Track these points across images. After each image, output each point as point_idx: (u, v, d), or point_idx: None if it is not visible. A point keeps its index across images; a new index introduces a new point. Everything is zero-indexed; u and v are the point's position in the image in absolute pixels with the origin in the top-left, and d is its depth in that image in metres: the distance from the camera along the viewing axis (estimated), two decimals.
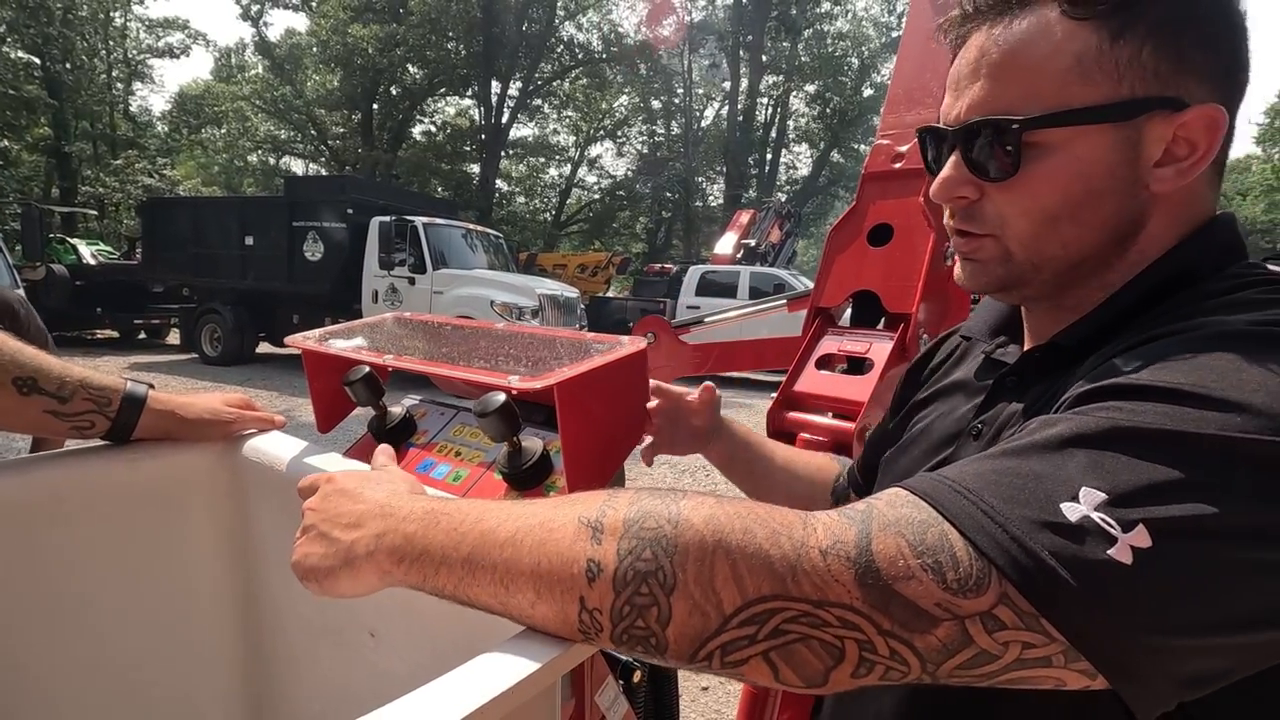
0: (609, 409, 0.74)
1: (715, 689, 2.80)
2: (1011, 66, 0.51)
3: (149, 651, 0.90)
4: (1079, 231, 0.52)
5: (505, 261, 11.32)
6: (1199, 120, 0.49)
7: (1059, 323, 0.57)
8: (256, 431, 0.95)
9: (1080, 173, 0.51)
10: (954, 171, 0.55)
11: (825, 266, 1.79)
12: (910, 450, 0.69)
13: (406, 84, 26.07)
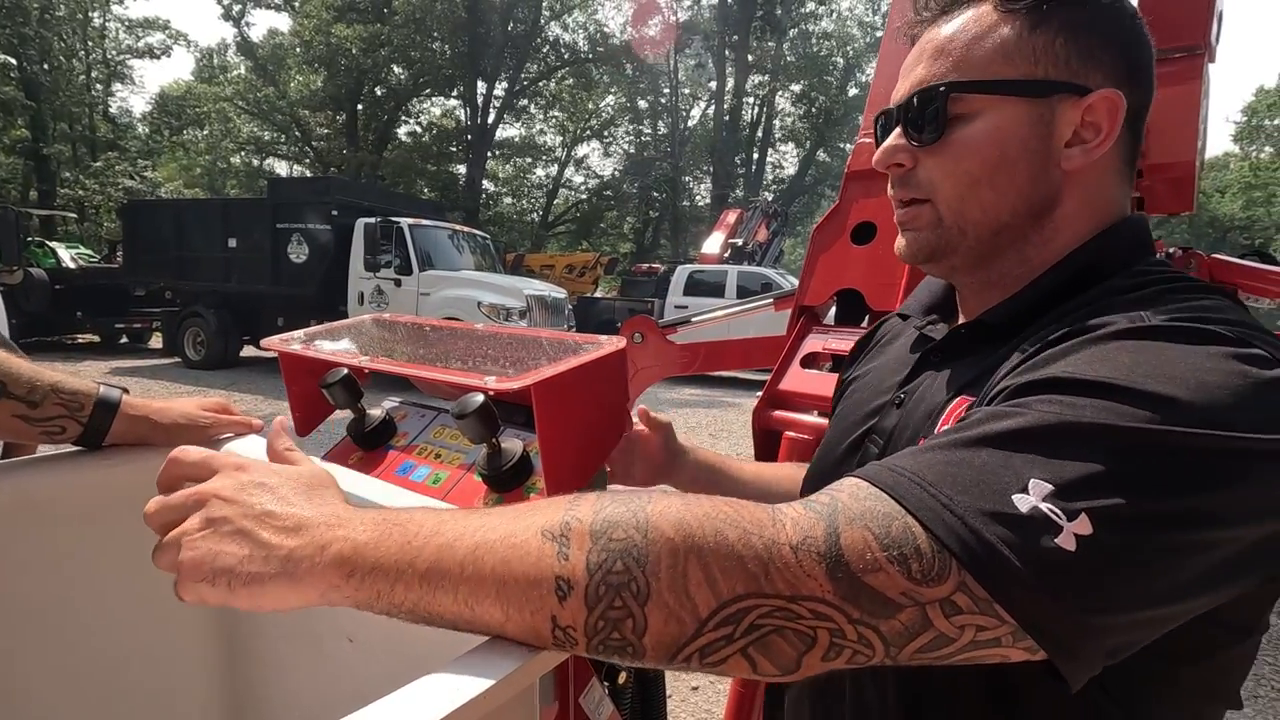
0: (588, 409, 0.74)
1: (705, 689, 2.81)
2: (946, 48, 0.59)
3: (125, 658, 0.88)
4: (996, 196, 0.58)
5: (492, 262, 11.29)
6: (1102, 104, 0.56)
7: (986, 301, 0.63)
8: (234, 436, 0.93)
9: (998, 140, 0.57)
10: (894, 140, 0.62)
11: (809, 265, 1.80)
12: (839, 423, 0.74)
13: (391, 84, 25.90)
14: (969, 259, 0.62)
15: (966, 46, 0.58)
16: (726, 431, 7.50)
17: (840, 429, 0.73)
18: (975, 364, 0.58)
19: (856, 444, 0.69)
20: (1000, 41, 0.57)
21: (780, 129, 30.60)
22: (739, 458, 0.98)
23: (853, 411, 0.72)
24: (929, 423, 0.58)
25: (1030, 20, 0.57)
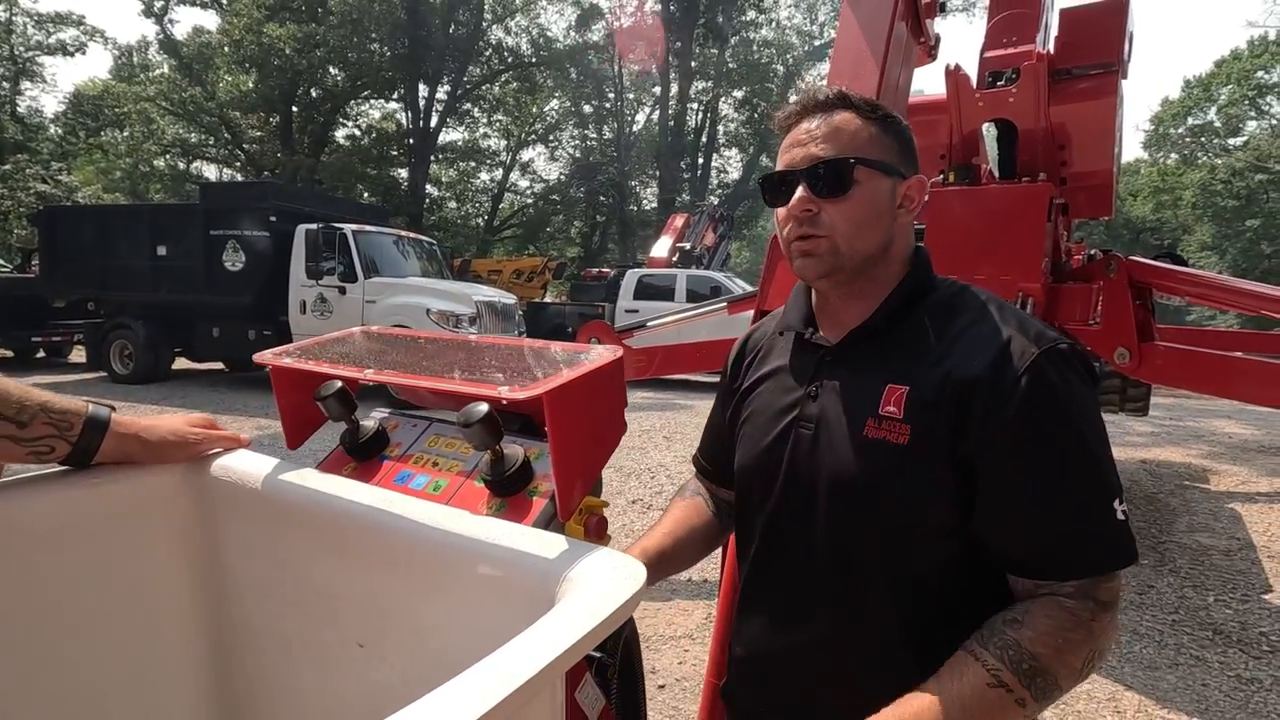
0: (591, 415, 0.78)
1: (671, 687, 2.86)
2: (836, 136, 0.84)
3: (114, 677, 0.87)
4: (871, 235, 0.85)
5: (439, 268, 11.11)
6: (917, 184, 0.88)
7: (851, 308, 0.88)
8: (222, 451, 0.93)
9: (874, 200, 0.84)
10: (805, 193, 0.84)
11: (768, 273, 1.88)
12: (756, 420, 0.94)
13: (328, 86, 25.13)
14: (847, 277, 0.86)
15: (852, 135, 0.84)
16: (680, 434, 7.59)
17: (760, 425, 0.93)
18: (879, 358, 0.84)
19: (784, 433, 0.89)
20: (869, 136, 0.85)
21: (724, 134, 31.08)
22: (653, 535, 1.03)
23: (766, 409, 0.93)
24: (868, 403, 0.82)
25: (881, 126, 0.86)
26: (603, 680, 1.16)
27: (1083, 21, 3.49)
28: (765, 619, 0.91)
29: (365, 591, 0.75)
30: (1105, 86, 3.42)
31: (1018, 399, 0.74)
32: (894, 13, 2.02)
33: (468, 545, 0.65)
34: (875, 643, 0.82)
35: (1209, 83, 28.28)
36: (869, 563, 0.81)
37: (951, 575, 0.79)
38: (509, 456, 0.78)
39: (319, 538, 0.80)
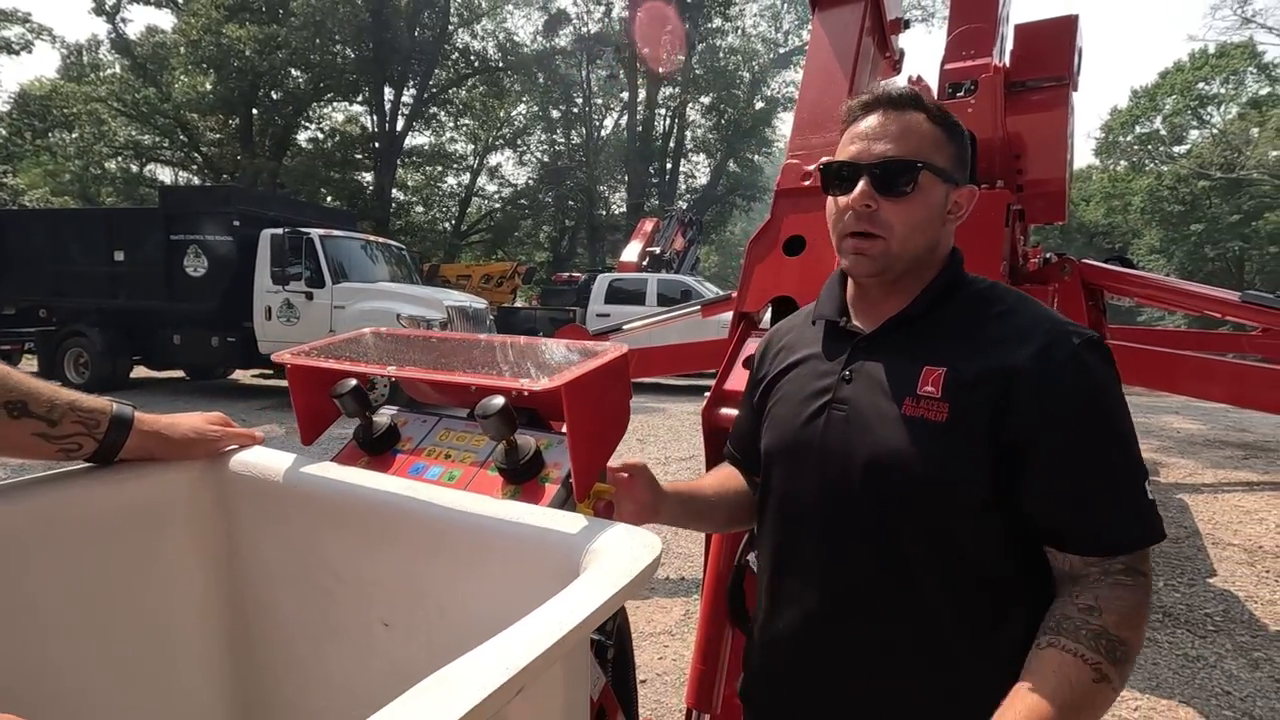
0: (602, 406, 0.84)
1: (653, 681, 2.92)
2: (906, 136, 0.87)
3: (141, 664, 0.90)
4: (922, 238, 0.89)
5: (408, 273, 11.02)
6: (967, 194, 0.92)
7: (891, 301, 0.92)
8: (239, 448, 0.97)
9: (931, 204, 0.88)
10: (868, 188, 0.87)
11: (746, 275, 1.96)
12: (786, 404, 0.96)
13: (289, 88, 24.67)
14: (895, 275, 0.90)
15: (921, 138, 0.87)
16: (654, 436, 7.66)
17: (791, 407, 0.95)
18: (915, 345, 0.88)
19: (816, 414, 0.91)
20: (936, 141, 0.88)
21: (691, 140, 31.36)
22: (691, 481, 1.09)
23: (797, 393, 0.96)
24: (905, 384, 0.85)
25: (948, 133, 0.89)
26: (603, 662, 1.22)
27: (1035, 36, 3.67)
28: (796, 602, 0.91)
29: (390, 573, 0.80)
30: (1057, 99, 3.61)
31: (1066, 385, 0.78)
32: (861, 28, 2.13)
33: (494, 525, 0.71)
34: (919, 615, 0.83)
35: (1154, 93, 29.51)
36: (910, 538, 0.83)
37: (990, 551, 0.81)
38: (522, 446, 0.84)
39: (341, 525, 0.85)
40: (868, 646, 0.85)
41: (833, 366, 0.93)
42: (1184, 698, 2.71)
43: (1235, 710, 2.62)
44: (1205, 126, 28.27)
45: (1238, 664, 2.95)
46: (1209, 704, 2.66)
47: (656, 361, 4.82)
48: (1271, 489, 5.55)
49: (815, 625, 0.89)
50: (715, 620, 1.67)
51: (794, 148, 2.04)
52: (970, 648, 0.82)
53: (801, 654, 0.91)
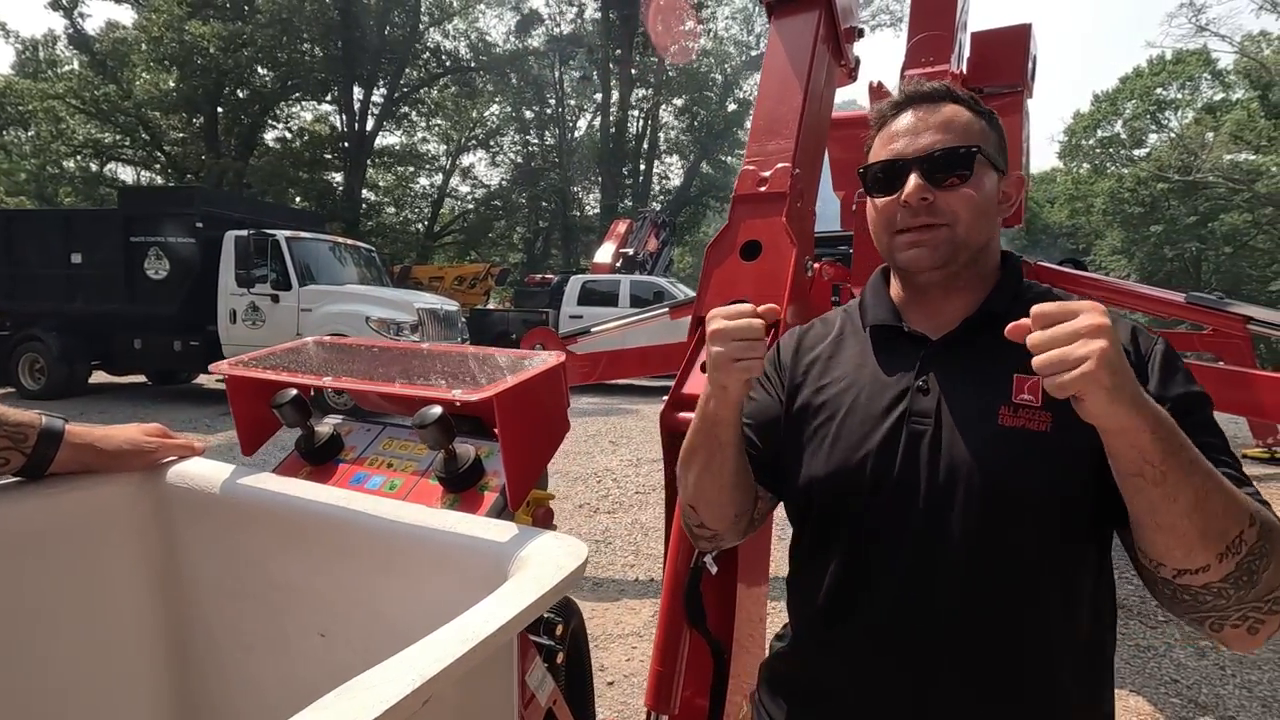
0: (537, 415, 0.85)
1: (620, 683, 2.93)
2: (952, 125, 0.84)
3: (75, 682, 0.89)
4: (986, 226, 0.85)
5: (378, 275, 10.89)
6: (1016, 181, 0.89)
7: (954, 302, 0.87)
8: (178, 459, 0.96)
9: (988, 190, 0.84)
10: (920, 180, 0.83)
11: (705, 279, 1.98)
12: (848, 423, 0.86)
13: (256, 86, 24.21)
14: (959, 269, 0.85)
15: (966, 125, 0.84)
16: (626, 438, 7.68)
17: (855, 427, 0.85)
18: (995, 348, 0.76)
19: (893, 432, 0.82)
20: (980, 129, 0.85)
21: (665, 141, 31.48)
22: None
23: (859, 410, 0.86)
24: (998, 393, 0.79)
25: (988, 122, 0.87)
26: (552, 667, 1.23)
27: (991, 44, 3.76)
28: (869, 636, 0.82)
29: (326, 584, 0.80)
30: (1012, 105, 3.70)
31: (1158, 377, 0.76)
32: (815, 36, 2.17)
33: (426, 534, 0.72)
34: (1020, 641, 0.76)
35: (1115, 97, 30.32)
36: (1015, 562, 0.76)
37: (1094, 575, 0.77)
38: (461, 455, 0.85)
39: (278, 536, 0.85)
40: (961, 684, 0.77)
41: (900, 378, 0.85)
42: (1135, 686, 2.79)
43: (1182, 698, 2.71)
44: (1163, 130, 29.12)
45: (1185, 653, 3.05)
46: (1158, 692, 2.75)
47: (627, 363, 4.83)
48: None
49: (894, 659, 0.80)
50: (673, 622, 1.68)
51: (750, 154, 2.06)
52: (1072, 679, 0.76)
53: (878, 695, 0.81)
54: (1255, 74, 23.93)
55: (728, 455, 0.84)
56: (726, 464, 0.85)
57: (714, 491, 0.87)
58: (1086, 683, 0.78)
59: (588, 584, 3.82)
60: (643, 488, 5.64)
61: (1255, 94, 24.54)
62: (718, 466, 0.85)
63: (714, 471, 0.85)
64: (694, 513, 0.90)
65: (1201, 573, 0.64)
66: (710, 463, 0.85)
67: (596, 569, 4.04)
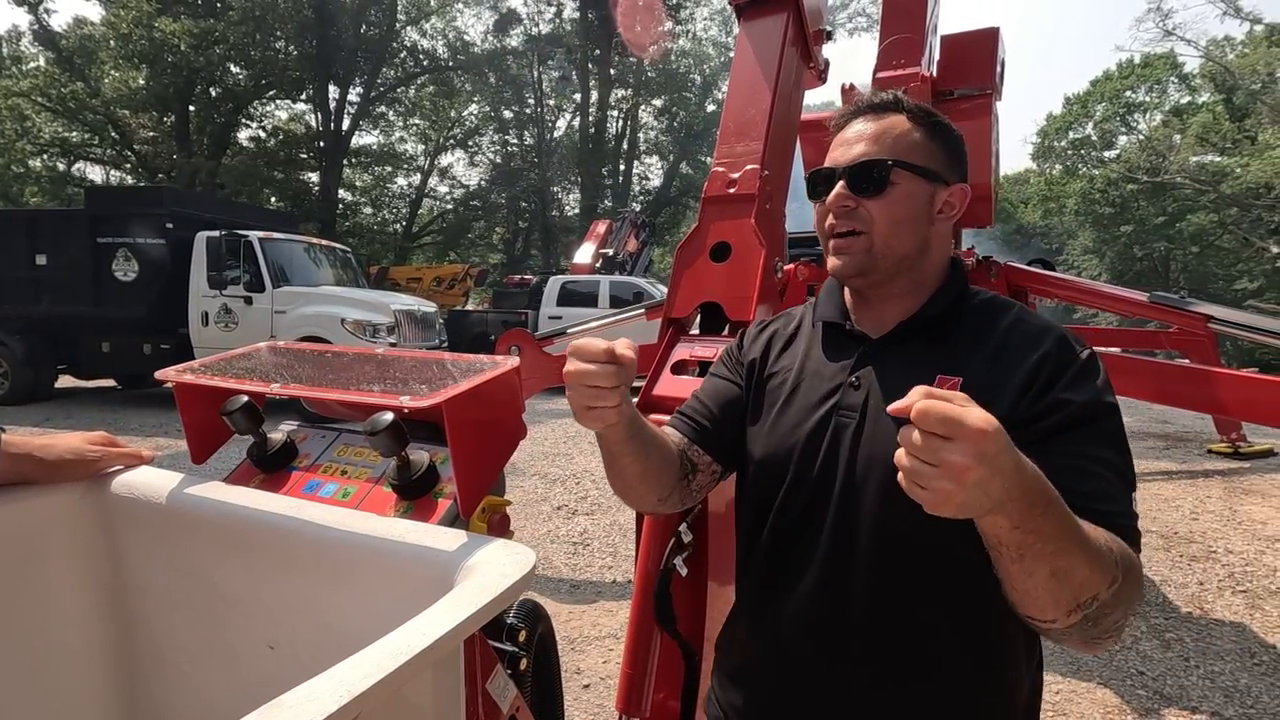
0: (489, 420, 0.84)
1: (596, 686, 2.92)
2: (882, 137, 0.88)
3: (19, 699, 0.86)
4: (906, 235, 0.87)
5: (355, 276, 10.76)
6: (959, 193, 0.90)
7: (894, 307, 0.90)
8: (124, 469, 0.94)
9: (911, 201, 0.87)
10: (844, 189, 0.87)
11: (675, 281, 1.98)
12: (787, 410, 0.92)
13: (228, 85, 23.82)
14: (882, 277, 0.88)
15: (896, 138, 0.87)
16: None
17: (793, 415, 0.91)
18: (926, 351, 0.86)
19: (823, 422, 0.88)
20: (915, 140, 0.88)
21: (645, 142, 31.49)
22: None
23: (799, 399, 0.92)
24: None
25: (929, 131, 0.89)
26: (516, 674, 1.22)
27: (960, 47, 3.81)
28: (794, 619, 0.87)
29: (274, 595, 0.78)
30: (982, 108, 3.76)
31: (1075, 379, 0.79)
32: (784, 39, 2.18)
33: (372, 543, 0.70)
34: (923, 631, 0.81)
35: (1086, 100, 30.90)
36: (920, 554, 0.80)
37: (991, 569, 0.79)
38: (415, 462, 0.84)
39: (226, 547, 0.83)
40: (868, 664, 0.82)
41: (837, 372, 0.90)
42: (1103, 679, 2.84)
43: (1148, 689, 2.77)
44: (1132, 132, 29.74)
45: (1151, 645, 3.11)
46: (1125, 684, 2.80)
47: None
48: (1188, 477, 5.88)
49: (812, 641, 0.85)
50: (644, 625, 1.68)
51: (719, 155, 2.07)
52: (974, 663, 0.81)
53: (791, 669, 0.87)
54: (1220, 77, 24.53)
55: (624, 462, 0.87)
56: (626, 468, 0.87)
57: (624, 487, 0.91)
58: (993, 667, 0.82)
59: (565, 586, 3.81)
60: None
61: (1220, 97, 25.17)
62: (620, 469, 0.88)
63: (619, 473, 0.89)
64: (623, 497, 0.95)
65: (1049, 623, 0.67)
66: (612, 467, 0.89)
67: (574, 571, 4.03)
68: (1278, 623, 3.30)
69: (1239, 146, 23.71)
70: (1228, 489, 5.46)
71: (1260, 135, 22.61)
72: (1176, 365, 3.61)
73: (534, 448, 6.93)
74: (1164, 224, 27.65)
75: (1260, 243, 23.24)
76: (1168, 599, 3.57)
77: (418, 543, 0.69)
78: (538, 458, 6.63)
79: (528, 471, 6.13)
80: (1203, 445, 6.96)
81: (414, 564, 0.68)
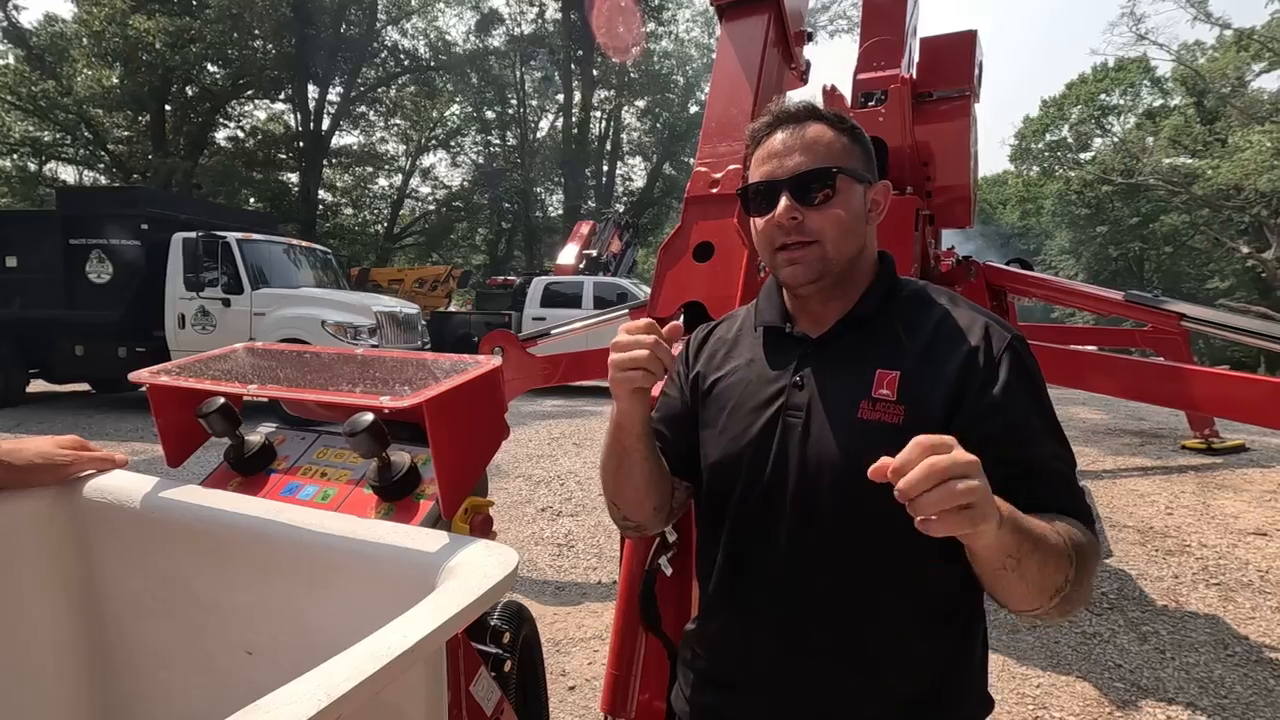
0: (471, 420, 0.84)
1: (582, 687, 2.91)
2: (814, 146, 0.90)
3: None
4: (854, 239, 0.91)
5: (335, 278, 10.65)
6: (882, 190, 0.95)
7: (833, 307, 0.93)
8: (97, 472, 0.92)
9: (853, 206, 0.90)
10: (790, 202, 0.88)
11: (658, 281, 1.98)
12: (735, 414, 0.94)
13: (205, 84, 23.47)
14: (833, 281, 0.91)
15: (828, 146, 0.90)
16: (590, 440, 7.65)
17: (741, 418, 0.93)
18: (864, 347, 0.89)
19: (770, 423, 0.90)
20: (843, 147, 0.91)
21: (628, 143, 31.49)
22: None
23: (745, 402, 0.94)
24: (859, 388, 0.86)
25: (850, 136, 0.92)
26: (501, 676, 1.21)
27: (939, 49, 3.86)
28: (754, 614, 0.90)
29: (252, 600, 0.77)
30: (961, 109, 3.80)
31: (1006, 375, 0.83)
32: (766, 40, 2.19)
33: (352, 546, 0.70)
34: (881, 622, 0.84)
35: (1062, 103, 31.38)
36: (873, 546, 0.83)
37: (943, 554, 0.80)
38: (395, 463, 0.83)
39: (202, 552, 0.81)
40: (829, 656, 0.85)
41: (781, 373, 0.93)
42: (1081, 672, 2.88)
43: (1125, 682, 2.81)
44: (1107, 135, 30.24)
45: (1129, 638, 3.16)
46: (1103, 677, 2.85)
47: (589, 365, 4.81)
48: (1163, 473, 5.98)
49: (774, 635, 0.88)
50: (629, 625, 1.68)
51: (702, 156, 2.08)
52: (929, 649, 0.85)
53: (759, 666, 0.89)
54: (1191, 81, 25.04)
55: (636, 459, 0.90)
56: (636, 466, 0.90)
57: (629, 490, 0.93)
58: (953, 637, 0.87)
59: (550, 588, 3.79)
60: None
61: (1191, 100, 25.68)
62: (629, 468, 0.91)
63: (626, 472, 0.91)
64: (616, 508, 0.97)
65: (1033, 610, 0.74)
66: (622, 465, 0.91)
67: (559, 573, 4.01)
68: (1250, 614, 3.37)
69: (1210, 149, 24.21)
70: (1201, 484, 5.57)
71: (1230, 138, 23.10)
72: (1151, 363, 3.67)
73: (518, 449, 6.90)
74: (1138, 225, 28.17)
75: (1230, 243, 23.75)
76: (1144, 592, 3.63)
77: (399, 544, 0.69)
78: (522, 459, 6.60)
79: (511, 473, 6.10)
80: (1176, 441, 7.09)
81: (395, 566, 0.68)
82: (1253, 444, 6.73)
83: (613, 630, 1.78)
